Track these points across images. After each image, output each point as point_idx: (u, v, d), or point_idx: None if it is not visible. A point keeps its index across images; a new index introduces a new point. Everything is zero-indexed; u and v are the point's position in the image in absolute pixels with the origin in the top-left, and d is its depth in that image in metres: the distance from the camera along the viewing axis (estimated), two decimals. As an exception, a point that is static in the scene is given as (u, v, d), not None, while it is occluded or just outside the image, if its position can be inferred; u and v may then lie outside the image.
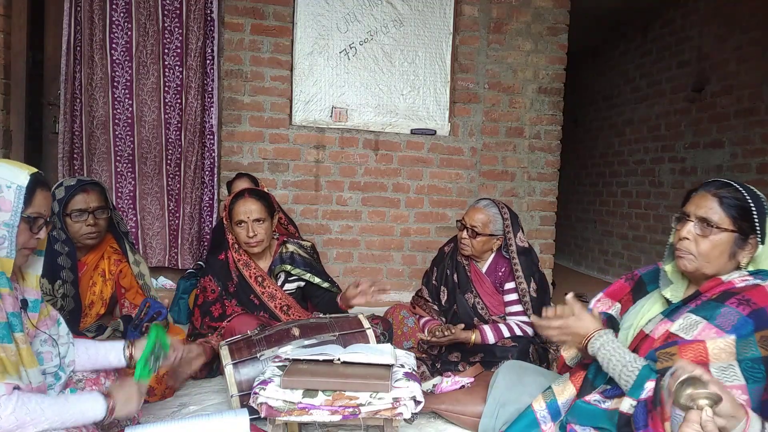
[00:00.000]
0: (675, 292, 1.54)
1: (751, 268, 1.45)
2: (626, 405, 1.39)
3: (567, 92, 4.31)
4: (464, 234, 2.56)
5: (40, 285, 1.52)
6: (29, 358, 1.37)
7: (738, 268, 1.46)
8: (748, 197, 1.43)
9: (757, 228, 1.42)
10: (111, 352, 1.67)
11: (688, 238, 1.46)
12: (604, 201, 5.92)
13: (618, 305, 1.71)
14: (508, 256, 2.58)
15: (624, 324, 1.63)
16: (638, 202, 5.31)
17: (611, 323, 1.65)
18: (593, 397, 1.53)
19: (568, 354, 1.71)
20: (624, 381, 1.43)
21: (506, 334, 2.45)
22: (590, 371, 1.58)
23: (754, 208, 1.42)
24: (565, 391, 1.64)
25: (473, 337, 2.42)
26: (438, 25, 4.09)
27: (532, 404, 1.66)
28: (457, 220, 2.69)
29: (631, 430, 1.33)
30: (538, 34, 4.12)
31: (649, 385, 1.36)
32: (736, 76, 4.20)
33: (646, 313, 1.58)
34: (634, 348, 1.52)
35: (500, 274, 2.59)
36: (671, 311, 1.49)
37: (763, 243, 1.43)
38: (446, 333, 2.38)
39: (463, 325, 2.45)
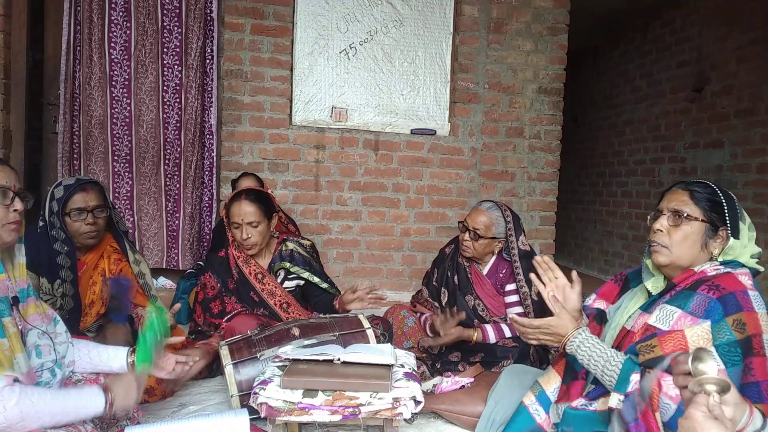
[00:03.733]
0: (656, 283, 1.58)
1: (722, 259, 1.49)
2: (614, 400, 1.41)
3: (567, 92, 4.30)
4: (466, 236, 2.55)
5: (30, 279, 1.53)
6: (17, 343, 1.36)
7: (711, 259, 1.50)
8: (718, 191, 1.50)
9: (727, 220, 1.48)
10: (114, 359, 1.67)
11: (661, 230, 1.51)
12: (604, 201, 5.92)
13: (611, 306, 1.73)
14: (509, 259, 2.57)
15: (611, 324, 1.64)
16: (638, 202, 5.31)
17: (600, 317, 1.67)
18: (579, 402, 1.54)
19: None
20: (608, 377, 1.44)
21: (507, 334, 2.45)
22: (569, 356, 1.60)
23: (723, 201, 1.49)
24: (551, 380, 1.68)
25: (475, 335, 2.42)
26: (438, 25, 4.08)
27: (523, 401, 1.69)
28: (459, 222, 2.68)
29: (622, 423, 1.34)
30: (538, 34, 4.12)
31: (635, 378, 1.38)
32: (736, 76, 4.19)
33: (629, 311, 1.61)
34: (617, 345, 1.54)
35: (501, 276, 2.58)
36: (648, 305, 1.54)
37: (734, 236, 1.48)
38: (447, 316, 2.39)
39: (463, 314, 2.45)
